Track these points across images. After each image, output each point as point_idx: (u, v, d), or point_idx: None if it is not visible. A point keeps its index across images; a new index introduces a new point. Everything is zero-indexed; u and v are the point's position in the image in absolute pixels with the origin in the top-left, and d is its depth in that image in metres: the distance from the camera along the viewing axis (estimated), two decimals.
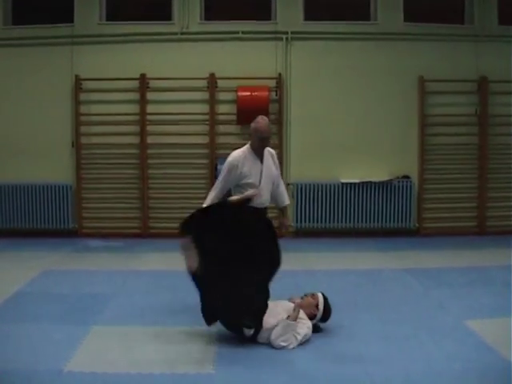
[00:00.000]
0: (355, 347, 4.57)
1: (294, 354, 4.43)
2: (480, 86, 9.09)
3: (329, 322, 4.96)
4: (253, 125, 5.24)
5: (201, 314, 4.80)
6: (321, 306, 4.87)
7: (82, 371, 4.09)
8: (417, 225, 9.16)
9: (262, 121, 5.23)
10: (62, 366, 4.16)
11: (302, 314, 4.73)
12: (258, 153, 5.28)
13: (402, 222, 9.07)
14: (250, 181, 5.20)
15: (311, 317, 4.81)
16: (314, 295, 4.94)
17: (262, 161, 5.29)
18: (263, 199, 5.27)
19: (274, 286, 4.85)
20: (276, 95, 8.98)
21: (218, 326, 4.84)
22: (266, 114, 8.76)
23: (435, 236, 9.02)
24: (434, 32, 9.10)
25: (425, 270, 7.09)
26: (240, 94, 8.78)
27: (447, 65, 9.08)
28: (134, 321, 5.21)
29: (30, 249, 8.34)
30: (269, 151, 5.39)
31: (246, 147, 5.30)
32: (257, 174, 5.24)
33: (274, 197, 5.49)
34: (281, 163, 8.95)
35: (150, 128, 9.05)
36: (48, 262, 7.53)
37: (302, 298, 4.92)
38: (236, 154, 5.26)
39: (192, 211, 4.97)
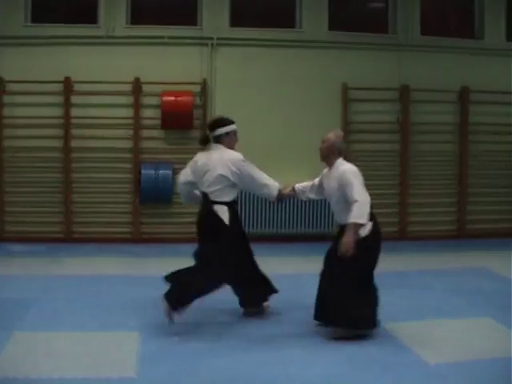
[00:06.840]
0: None
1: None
2: (402, 94, 9.31)
3: None
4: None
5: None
6: None
7: (6, 377, 4.07)
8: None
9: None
10: None
11: None
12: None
13: (322, 227, 9.17)
14: None
15: None
16: None
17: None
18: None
19: None
20: (200, 101, 9.02)
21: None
22: (191, 119, 8.89)
23: None
24: (357, 40, 9.29)
25: None
26: (164, 98, 8.81)
27: (370, 73, 9.26)
28: (56, 326, 5.19)
29: None
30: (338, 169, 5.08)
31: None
32: None
33: None
34: None
35: (74, 131, 8.98)
36: None
37: None
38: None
39: None
